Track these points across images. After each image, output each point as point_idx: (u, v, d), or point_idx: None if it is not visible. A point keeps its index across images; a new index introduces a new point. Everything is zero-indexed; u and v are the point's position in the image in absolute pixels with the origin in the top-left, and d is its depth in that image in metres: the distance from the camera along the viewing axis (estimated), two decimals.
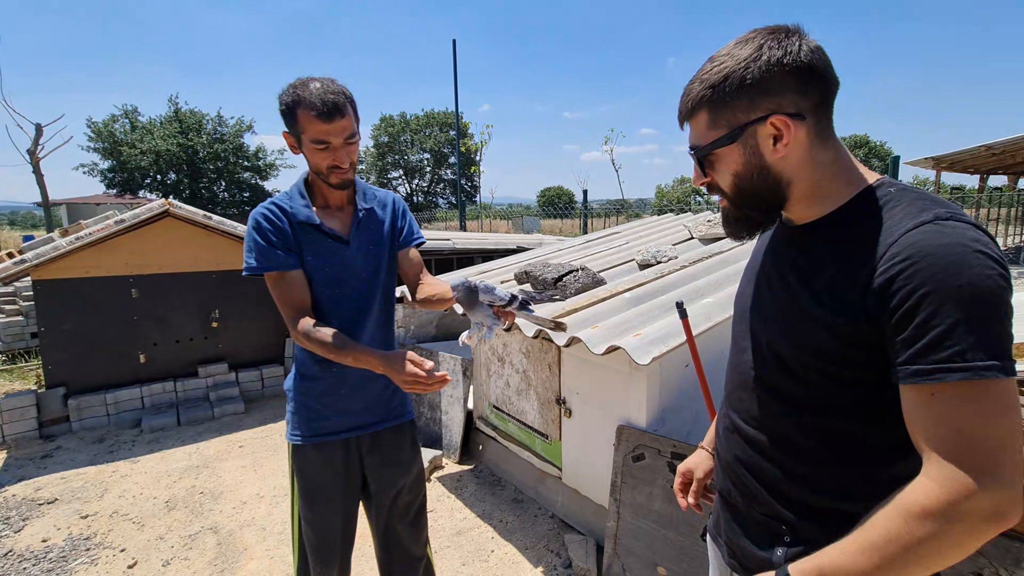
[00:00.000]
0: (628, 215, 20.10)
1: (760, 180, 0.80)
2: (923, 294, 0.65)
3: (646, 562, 2.21)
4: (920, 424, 0.68)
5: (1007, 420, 0.63)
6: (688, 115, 0.83)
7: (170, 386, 4.50)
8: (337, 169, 1.37)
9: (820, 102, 0.77)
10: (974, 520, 0.62)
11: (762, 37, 0.76)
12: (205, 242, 4.60)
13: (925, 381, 0.65)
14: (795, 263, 0.84)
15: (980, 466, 0.62)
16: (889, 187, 0.77)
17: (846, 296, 0.73)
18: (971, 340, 0.63)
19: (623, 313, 2.36)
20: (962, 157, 13.16)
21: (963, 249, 0.65)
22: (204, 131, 24.46)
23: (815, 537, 0.80)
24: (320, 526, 1.53)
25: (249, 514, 2.96)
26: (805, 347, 0.79)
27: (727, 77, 0.76)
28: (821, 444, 0.80)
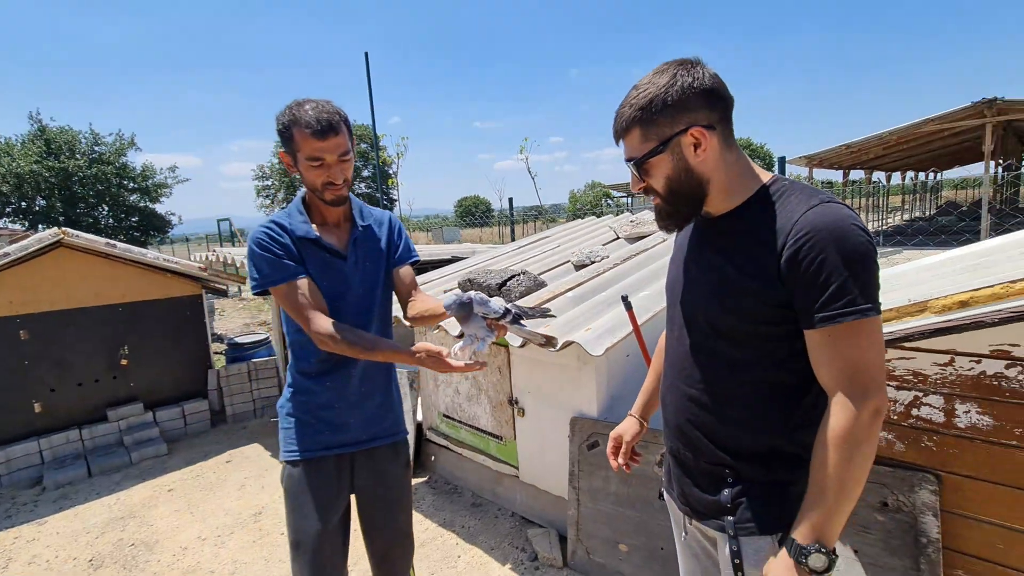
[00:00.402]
0: (545, 220, 20.71)
1: (687, 180, 0.99)
2: (822, 260, 0.86)
3: (608, 542, 2.37)
4: (824, 360, 0.90)
5: (877, 346, 0.88)
6: (623, 133, 1.01)
7: (75, 435, 4.04)
8: (332, 186, 1.40)
9: (723, 116, 0.97)
10: (870, 419, 0.86)
11: (674, 68, 0.96)
12: (108, 273, 4.20)
13: (828, 324, 0.87)
14: (718, 245, 1.02)
15: (866, 383, 0.87)
16: (782, 182, 0.99)
17: (764, 266, 0.92)
18: (856, 290, 0.86)
19: (569, 311, 2.51)
20: (828, 155, 15.04)
21: (844, 223, 0.87)
22: (78, 150, 21.87)
23: (752, 475, 1.01)
24: (310, 545, 1.50)
25: (193, 559, 2.76)
26: (735, 312, 0.98)
27: (652, 100, 0.95)
28: (752, 392, 1.00)
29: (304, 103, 1.37)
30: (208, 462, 3.95)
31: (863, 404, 0.86)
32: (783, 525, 0.97)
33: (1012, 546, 1.49)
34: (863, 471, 0.87)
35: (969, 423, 1.52)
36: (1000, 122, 12.03)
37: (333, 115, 1.35)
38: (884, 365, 0.88)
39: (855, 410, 0.86)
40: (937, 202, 27.14)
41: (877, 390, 0.87)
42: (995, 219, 11.10)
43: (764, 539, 0.99)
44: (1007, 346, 1.43)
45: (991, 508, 1.51)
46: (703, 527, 1.10)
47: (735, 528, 1.01)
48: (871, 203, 20.39)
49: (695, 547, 1.19)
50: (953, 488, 1.57)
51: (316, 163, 1.37)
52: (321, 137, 1.33)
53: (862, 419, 0.86)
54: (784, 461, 0.99)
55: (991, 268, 1.71)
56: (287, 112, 1.37)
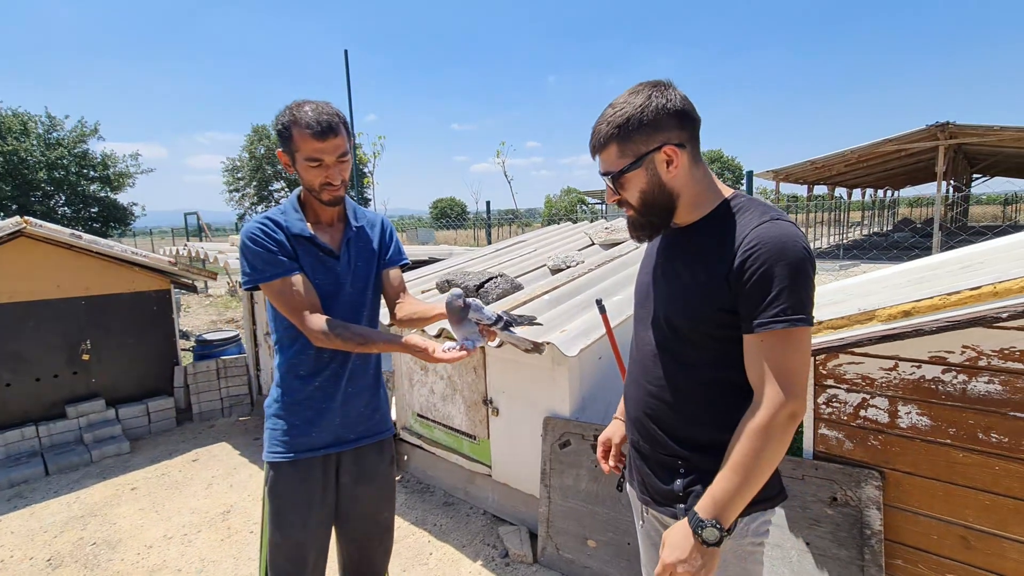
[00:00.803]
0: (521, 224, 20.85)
1: (659, 194, 1.07)
2: (763, 271, 0.95)
3: (577, 538, 2.44)
4: (755, 362, 0.99)
5: (802, 355, 0.97)
6: (600, 149, 1.08)
7: (31, 431, 3.89)
8: (329, 186, 1.42)
9: (692, 135, 1.06)
10: (785, 421, 0.95)
11: (649, 89, 1.04)
12: (71, 264, 4.07)
13: (762, 329, 0.96)
14: (682, 254, 1.11)
15: (787, 386, 0.95)
16: (740, 198, 1.09)
17: (718, 275, 1.02)
18: (791, 302, 0.94)
19: (545, 314, 2.59)
20: (794, 170, 15.62)
21: (787, 239, 0.96)
22: (33, 135, 20.84)
23: (702, 466, 1.10)
24: (290, 552, 1.51)
25: (158, 558, 2.71)
26: (692, 316, 1.07)
27: (629, 119, 1.02)
28: (706, 390, 1.09)
29: (303, 104, 1.39)
30: (173, 460, 3.86)
31: (783, 405, 0.95)
32: None
33: (945, 537, 1.62)
34: (770, 464, 0.96)
35: (910, 423, 1.65)
36: (952, 145, 12.74)
37: (332, 116, 1.38)
38: (807, 373, 0.98)
39: (774, 409, 0.95)
40: (894, 218, 28.47)
41: (797, 395, 0.95)
42: (945, 237, 11.73)
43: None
44: (943, 353, 1.57)
45: (927, 502, 1.65)
46: (659, 515, 1.18)
47: (685, 514, 1.09)
48: (833, 217, 21.23)
49: (652, 534, 1.27)
50: (895, 484, 1.70)
51: (315, 163, 1.39)
52: (320, 138, 1.36)
53: (778, 418, 0.95)
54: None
55: (933, 282, 1.86)
56: (287, 112, 1.39)
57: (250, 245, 1.41)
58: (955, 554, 1.61)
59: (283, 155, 1.45)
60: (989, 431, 1.52)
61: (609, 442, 1.40)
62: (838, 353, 1.75)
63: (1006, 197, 28.55)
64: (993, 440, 1.52)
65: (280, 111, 1.41)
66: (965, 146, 14.49)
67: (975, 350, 1.51)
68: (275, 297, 1.43)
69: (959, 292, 1.47)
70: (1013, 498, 1.51)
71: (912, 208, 32.44)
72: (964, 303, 1.46)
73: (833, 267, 12.15)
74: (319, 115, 1.36)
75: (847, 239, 20.47)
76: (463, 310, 1.34)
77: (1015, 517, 1.51)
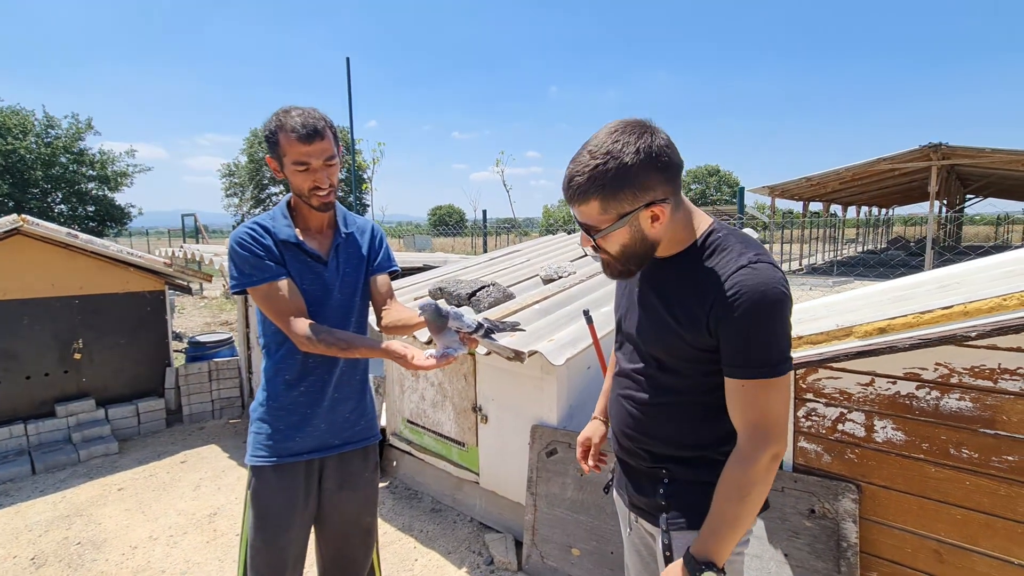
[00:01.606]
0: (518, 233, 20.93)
1: (641, 246, 1.05)
2: (743, 322, 0.96)
3: (561, 546, 2.46)
4: (736, 405, 1.02)
5: (783, 399, 0.99)
6: (578, 201, 1.00)
7: (19, 429, 3.89)
8: (318, 190, 1.43)
9: (676, 183, 1.02)
10: (768, 463, 0.99)
11: (633, 138, 0.95)
12: (67, 264, 4.08)
13: (742, 377, 0.99)
14: (658, 290, 1.12)
15: (769, 431, 0.99)
16: (718, 234, 1.06)
17: (696, 318, 1.02)
18: (769, 352, 0.97)
19: (535, 323, 2.62)
20: (789, 187, 15.78)
21: (765, 287, 0.96)
22: (31, 132, 20.83)
23: (684, 477, 1.14)
24: (270, 556, 1.51)
25: (143, 558, 2.71)
26: (672, 350, 1.09)
27: (615, 177, 0.95)
28: (685, 412, 1.12)
29: (291, 110, 1.41)
30: (162, 462, 3.86)
31: (764, 449, 0.98)
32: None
33: (918, 550, 1.66)
34: (756, 507, 1.00)
35: (886, 438, 1.69)
36: (944, 165, 12.92)
37: (319, 120, 1.40)
38: (787, 415, 1.01)
39: (756, 455, 0.98)
40: (888, 236, 28.71)
41: (777, 438, 0.99)
42: (937, 256, 11.85)
43: (692, 534, 1.11)
44: (918, 369, 1.61)
45: (902, 516, 1.68)
46: (645, 524, 1.22)
47: (667, 523, 1.13)
48: (828, 234, 21.41)
49: (638, 543, 1.30)
50: (871, 497, 1.73)
51: (302, 167, 1.40)
52: (306, 141, 1.37)
53: (760, 463, 0.98)
54: (710, 466, 1.11)
55: (912, 300, 1.91)
56: (274, 118, 1.41)
57: (238, 250, 1.43)
58: (929, 567, 1.64)
59: (271, 160, 1.47)
60: (960, 447, 1.56)
61: (588, 442, 1.42)
62: (817, 368, 1.79)
63: (998, 218, 28.90)
64: (964, 456, 1.56)
65: (267, 118, 1.43)
66: (958, 167, 14.70)
67: (947, 367, 1.56)
68: (262, 301, 1.44)
69: (932, 311, 1.52)
70: (983, 513, 1.54)
71: (906, 227, 32.77)
72: (936, 321, 1.50)
73: (826, 283, 12.25)
74: (305, 119, 1.38)
75: (841, 255, 20.63)
76: (441, 318, 1.34)
77: (984, 531, 1.54)
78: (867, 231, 27.10)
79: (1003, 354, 1.47)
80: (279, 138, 1.40)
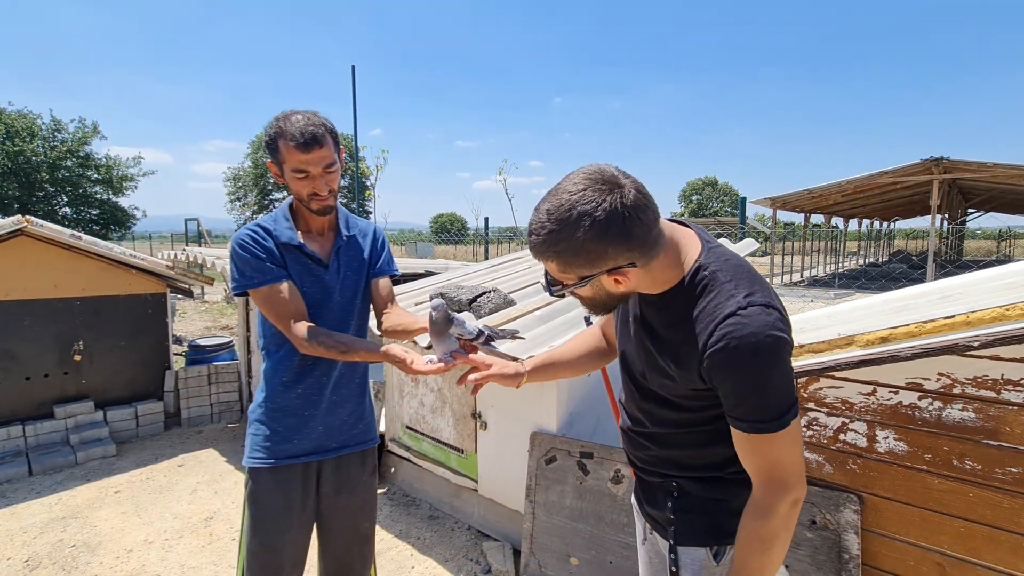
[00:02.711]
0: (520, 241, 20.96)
1: (609, 299, 1.02)
2: (736, 378, 0.91)
3: (560, 555, 2.44)
4: (745, 455, 0.97)
5: (793, 446, 0.94)
6: (538, 256, 0.95)
7: (17, 430, 3.87)
8: (317, 196, 1.44)
9: (644, 245, 0.91)
10: (788, 510, 0.94)
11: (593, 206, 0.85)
12: (69, 265, 4.09)
13: (746, 431, 0.94)
14: (650, 332, 1.07)
15: (785, 480, 0.94)
16: (704, 270, 0.98)
17: (688, 365, 0.98)
18: (771, 404, 0.91)
19: (536, 329, 2.62)
20: (791, 199, 15.81)
21: (757, 337, 0.88)
22: (39, 136, 21.06)
23: (691, 490, 1.12)
24: (267, 559, 1.50)
25: (138, 562, 2.69)
26: (669, 389, 1.06)
27: (567, 248, 0.88)
28: (693, 439, 1.10)
29: (291, 115, 1.40)
30: (159, 465, 3.84)
31: (781, 498, 0.93)
32: (716, 538, 1.08)
33: (921, 563, 1.64)
34: (780, 556, 0.96)
35: (888, 448, 1.68)
36: (946, 179, 12.95)
37: (318, 127, 1.38)
38: (800, 459, 0.95)
39: (774, 506, 0.93)
40: (890, 249, 28.69)
41: (796, 484, 0.93)
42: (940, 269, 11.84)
43: (699, 550, 1.09)
44: (920, 379, 1.60)
45: (904, 528, 1.66)
46: (657, 536, 1.20)
47: (675, 537, 1.12)
48: (829, 246, 21.41)
49: (652, 555, 1.27)
50: (873, 508, 1.72)
51: (301, 175, 1.40)
52: (305, 150, 1.36)
53: (779, 513, 0.93)
54: (721, 484, 1.09)
55: (913, 310, 1.90)
56: (274, 124, 1.40)
57: (239, 252, 1.43)
58: None
59: (272, 166, 1.47)
60: (963, 458, 1.55)
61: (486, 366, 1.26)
62: (819, 376, 1.78)
63: (999, 232, 28.91)
64: (967, 467, 1.54)
65: (268, 122, 1.43)
66: (960, 181, 14.73)
67: (950, 378, 1.55)
68: (262, 303, 1.44)
69: (934, 320, 1.51)
70: (987, 525, 1.52)
71: (907, 240, 32.76)
72: (938, 331, 1.50)
73: (827, 295, 12.24)
74: (305, 126, 1.36)
75: (843, 268, 20.61)
76: (445, 324, 1.33)
77: (988, 545, 1.52)
78: (869, 244, 27.11)
79: (1006, 364, 1.46)
80: (279, 145, 1.39)
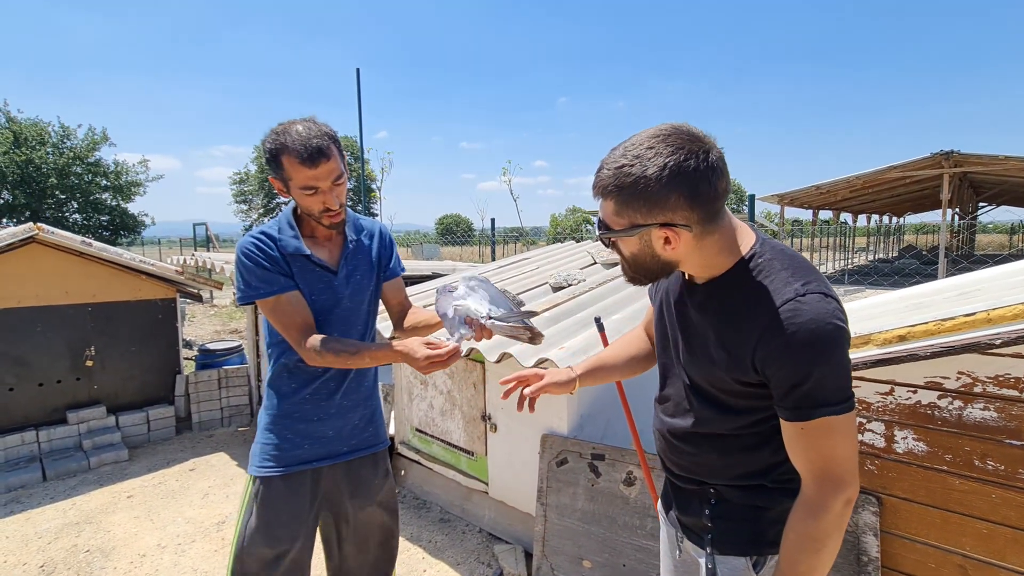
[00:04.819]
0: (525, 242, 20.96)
1: (652, 263, 0.96)
2: (796, 362, 0.86)
3: (572, 558, 2.42)
4: (797, 450, 0.92)
5: (850, 439, 0.90)
6: (599, 195, 0.94)
7: (31, 436, 3.91)
8: (328, 212, 1.38)
9: (706, 214, 0.89)
10: (841, 509, 0.90)
11: (669, 152, 0.85)
12: (80, 271, 4.13)
13: (800, 420, 0.89)
14: (697, 320, 1.02)
15: (839, 477, 0.89)
16: (760, 258, 0.95)
17: (740, 355, 0.93)
18: (829, 390, 0.87)
19: (545, 330, 2.60)
20: (799, 195, 15.68)
21: (817, 322, 0.85)
22: (49, 143, 21.30)
23: (730, 497, 1.07)
24: (273, 566, 1.49)
25: (151, 567, 2.70)
26: (714, 382, 1.01)
27: (633, 184, 0.87)
28: (733, 445, 1.04)
29: (290, 126, 1.32)
30: (171, 469, 3.86)
31: (835, 497, 0.88)
32: (756, 548, 1.03)
33: (942, 566, 1.60)
34: (831, 557, 0.91)
35: (906, 449, 1.65)
36: (956, 173, 12.79)
37: (323, 138, 1.31)
38: (856, 456, 0.91)
39: (827, 504, 0.88)
40: (899, 245, 28.40)
41: (850, 482, 0.89)
42: (952, 264, 11.70)
43: (739, 559, 1.04)
44: (939, 378, 1.57)
45: (924, 529, 1.63)
46: (691, 546, 1.15)
47: (712, 546, 1.07)
48: (838, 242, 21.23)
49: (686, 567, 1.22)
50: (892, 510, 1.68)
51: (310, 191, 1.33)
52: (312, 165, 1.29)
53: (832, 512, 0.89)
54: (763, 491, 1.04)
55: (931, 308, 1.87)
56: (273, 138, 1.32)
57: (245, 261, 1.38)
58: None
59: (275, 181, 1.40)
60: (985, 458, 1.51)
61: (539, 376, 1.23)
62: None
63: (1012, 226, 28.53)
64: (989, 468, 1.51)
65: (266, 134, 1.34)
66: (971, 175, 14.54)
67: (970, 376, 1.52)
68: (269, 314, 1.42)
69: (954, 318, 1.48)
70: (1010, 527, 1.49)
71: (918, 235, 32.42)
72: (958, 329, 1.47)
73: (838, 292, 12.10)
74: (308, 139, 1.28)
75: (852, 264, 20.42)
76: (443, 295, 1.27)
77: (1013, 547, 1.49)
78: (878, 240, 26.84)
79: None
80: (282, 161, 1.31)
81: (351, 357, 1.37)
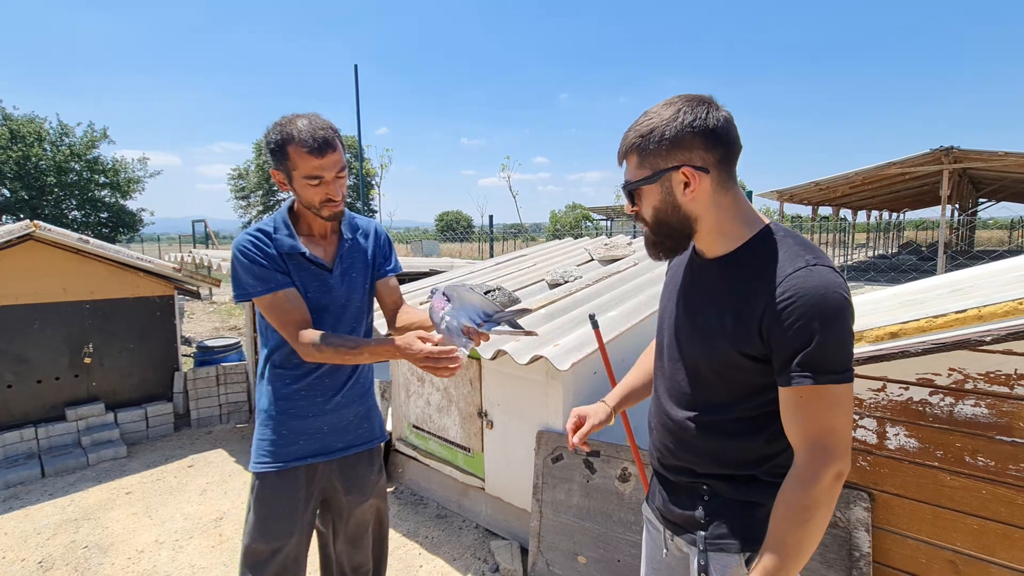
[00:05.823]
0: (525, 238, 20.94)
1: (673, 215, 1.01)
2: (800, 325, 0.89)
3: (568, 554, 2.43)
4: (793, 418, 0.93)
5: (846, 412, 0.91)
6: (624, 156, 1.04)
7: (29, 433, 3.92)
8: (330, 202, 1.40)
9: (722, 159, 0.97)
10: (831, 482, 0.90)
11: (681, 103, 0.97)
12: (78, 269, 4.13)
13: (800, 384, 0.90)
14: (707, 290, 1.05)
15: (831, 448, 0.91)
16: (773, 235, 1.00)
17: (747, 323, 0.96)
18: (831, 356, 0.89)
19: (541, 327, 2.61)
20: (798, 191, 15.66)
21: (825, 288, 0.89)
22: (46, 140, 21.25)
23: (726, 493, 1.07)
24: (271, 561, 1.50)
25: (149, 563, 2.71)
26: (717, 358, 1.02)
27: (652, 131, 0.97)
28: (729, 430, 1.04)
29: (295, 119, 1.35)
30: (169, 466, 3.87)
31: (827, 467, 0.89)
32: (749, 544, 1.03)
33: (933, 561, 1.61)
34: (820, 531, 0.92)
35: (898, 445, 1.65)
36: (956, 169, 12.77)
37: (328, 130, 1.34)
38: (850, 430, 0.93)
39: (818, 474, 0.90)
40: (899, 241, 28.39)
41: (842, 454, 0.91)
42: (950, 260, 11.70)
43: (732, 557, 1.04)
44: (931, 375, 1.57)
45: (916, 525, 1.64)
46: (680, 542, 1.15)
47: (705, 543, 1.07)
48: (838, 239, 21.23)
49: (674, 564, 1.22)
50: (884, 506, 1.69)
51: (315, 181, 1.36)
52: (319, 154, 1.32)
53: (823, 483, 0.90)
54: (757, 486, 1.04)
55: (924, 304, 1.87)
56: (278, 129, 1.35)
57: (241, 259, 1.40)
58: None
59: (277, 173, 1.41)
60: (976, 454, 1.52)
61: (584, 418, 1.31)
62: None
63: (1012, 222, 28.51)
64: (980, 464, 1.52)
65: (269, 127, 1.37)
66: (970, 171, 14.53)
67: (961, 373, 1.52)
68: (266, 311, 1.43)
69: (945, 315, 1.49)
70: (1001, 523, 1.50)
71: (917, 231, 32.39)
72: (950, 326, 1.47)
73: None
74: (315, 130, 1.32)
75: (852, 260, 20.42)
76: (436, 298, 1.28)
77: (1003, 542, 1.50)
78: (878, 236, 26.83)
79: (1020, 359, 1.44)
80: (288, 151, 1.34)
81: (350, 352, 1.38)
